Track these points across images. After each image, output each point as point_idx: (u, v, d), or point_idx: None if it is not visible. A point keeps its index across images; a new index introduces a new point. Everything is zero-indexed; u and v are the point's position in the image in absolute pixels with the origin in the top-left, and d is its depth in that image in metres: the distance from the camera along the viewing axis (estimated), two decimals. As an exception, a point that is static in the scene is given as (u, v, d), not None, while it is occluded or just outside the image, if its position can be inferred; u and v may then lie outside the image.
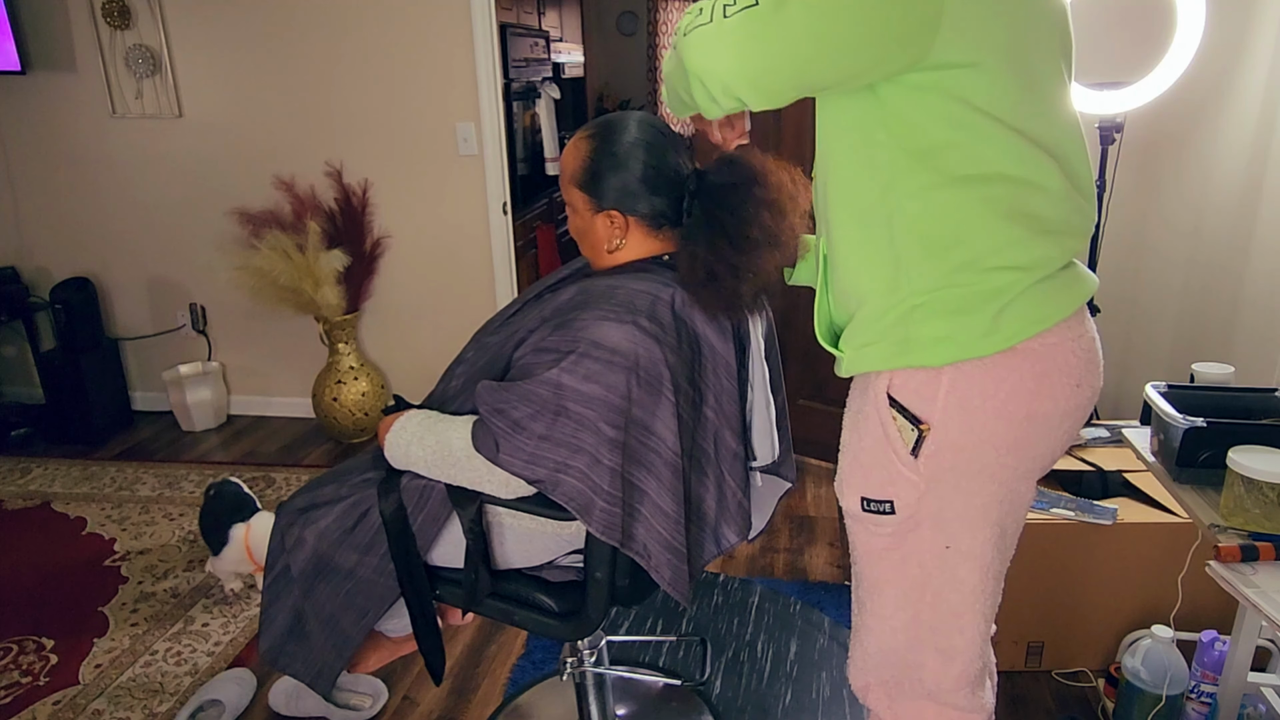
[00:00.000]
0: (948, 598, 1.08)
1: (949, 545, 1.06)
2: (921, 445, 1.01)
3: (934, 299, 0.98)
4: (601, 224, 1.30)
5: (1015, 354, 0.98)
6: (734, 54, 0.89)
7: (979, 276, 0.97)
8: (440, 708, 1.88)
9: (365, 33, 3.03)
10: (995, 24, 0.91)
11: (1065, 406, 1.02)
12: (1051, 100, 0.98)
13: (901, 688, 1.16)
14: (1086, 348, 1.03)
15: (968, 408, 0.99)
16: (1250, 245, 2.23)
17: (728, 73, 0.90)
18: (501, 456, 1.17)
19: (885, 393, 1.03)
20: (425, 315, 3.34)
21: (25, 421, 3.38)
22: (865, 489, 1.08)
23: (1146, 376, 2.24)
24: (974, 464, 1.02)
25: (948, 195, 0.96)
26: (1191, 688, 1.64)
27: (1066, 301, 1.00)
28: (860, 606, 1.18)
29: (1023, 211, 0.96)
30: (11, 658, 2.05)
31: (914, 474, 1.03)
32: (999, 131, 0.93)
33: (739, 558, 2.42)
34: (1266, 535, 1.21)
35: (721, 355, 1.29)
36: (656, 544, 1.23)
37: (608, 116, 1.32)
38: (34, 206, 3.43)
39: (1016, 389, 0.99)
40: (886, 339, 1.02)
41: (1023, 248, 0.97)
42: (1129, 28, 2.38)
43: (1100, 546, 1.81)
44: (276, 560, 1.43)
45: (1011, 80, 0.93)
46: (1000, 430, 1.00)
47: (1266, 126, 2.19)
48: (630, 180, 1.27)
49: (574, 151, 1.31)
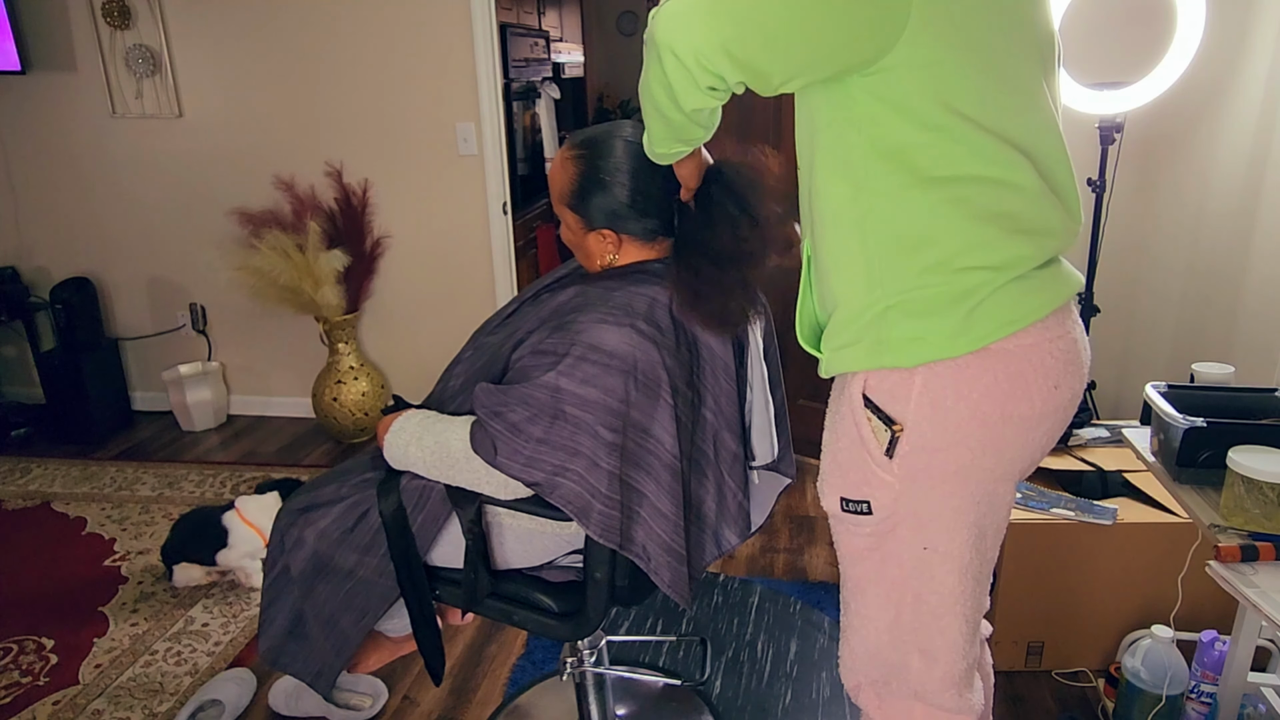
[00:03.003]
0: (927, 599, 1.08)
1: (926, 547, 1.06)
2: (896, 446, 1.01)
3: (906, 300, 0.98)
4: (594, 241, 1.30)
5: (989, 355, 0.97)
6: (702, 18, 0.89)
7: (950, 277, 0.96)
8: (440, 708, 1.88)
9: (365, 33, 3.03)
10: (965, 21, 0.91)
11: (1042, 409, 1.01)
12: (1025, 99, 0.97)
13: (890, 687, 1.16)
14: (1066, 349, 1.01)
15: (941, 409, 0.99)
16: (1250, 246, 2.23)
17: (699, 36, 0.90)
18: (499, 459, 1.17)
19: (860, 393, 1.04)
20: (425, 315, 3.34)
21: (25, 421, 3.38)
22: (843, 489, 1.09)
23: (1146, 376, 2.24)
24: (948, 465, 1.02)
25: (918, 195, 0.95)
26: (1191, 688, 1.64)
27: (1042, 302, 0.99)
28: (845, 606, 1.19)
29: (995, 211, 0.96)
30: (11, 658, 2.05)
31: (889, 475, 1.03)
32: (970, 131, 0.93)
33: (739, 558, 2.42)
34: (1266, 535, 1.21)
35: (720, 356, 1.29)
36: (655, 546, 1.23)
37: (595, 132, 1.29)
38: (34, 206, 3.43)
39: (990, 390, 0.98)
40: (862, 340, 1.02)
41: (994, 248, 0.96)
42: (1129, 28, 2.38)
43: (1100, 546, 1.81)
44: (276, 560, 1.43)
45: (982, 79, 0.93)
46: (974, 431, 1.00)
47: (1266, 127, 2.19)
48: (619, 204, 1.26)
49: (562, 171, 1.29)
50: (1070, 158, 1.02)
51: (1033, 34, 0.98)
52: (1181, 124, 2.51)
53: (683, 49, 0.91)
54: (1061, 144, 1.01)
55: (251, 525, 2.23)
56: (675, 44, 0.91)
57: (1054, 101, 1.02)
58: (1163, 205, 2.64)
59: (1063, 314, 1.02)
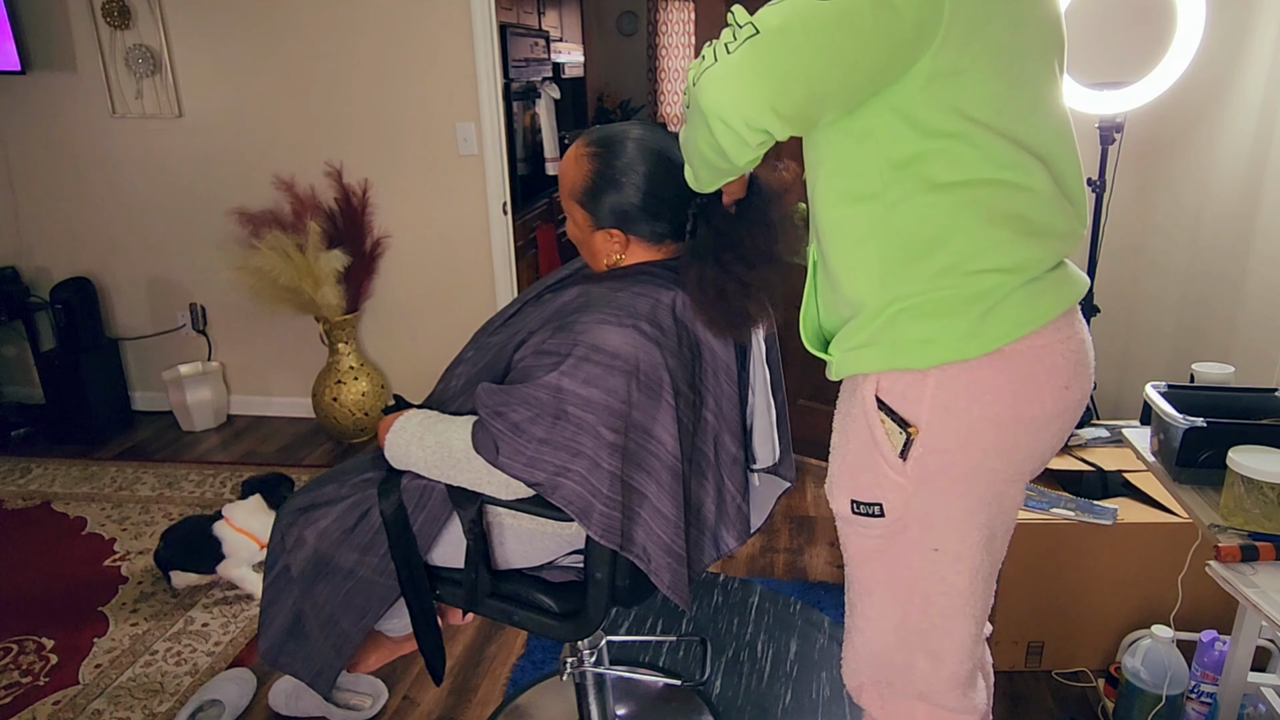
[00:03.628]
0: (936, 600, 1.08)
1: (937, 548, 1.06)
2: (909, 448, 1.01)
3: (919, 302, 0.98)
4: (601, 239, 1.30)
5: (1001, 356, 0.98)
6: (746, 82, 0.90)
7: (964, 279, 0.97)
8: (440, 708, 1.88)
9: (365, 33, 3.03)
10: (989, 27, 0.91)
11: (1053, 409, 1.02)
12: (1040, 101, 0.97)
13: (894, 688, 1.16)
14: (1075, 349, 1.02)
15: (954, 410, 0.99)
16: (1250, 245, 2.23)
17: (746, 102, 0.90)
18: (501, 459, 1.17)
19: (873, 395, 1.04)
20: (425, 315, 3.34)
21: (25, 421, 3.38)
22: (854, 491, 1.09)
23: (1146, 376, 2.24)
24: (961, 467, 1.02)
25: (931, 200, 0.96)
26: (1191, 688, 1.64)
27: (1054, 303, 0.99)
28: (851, 608, 1.19)
29: (1008, 214, 0.96)
30: (11, 658, 2.05)
31: (901, 477, 1.03)
32: (982, 135, 0.93)
33: (739, 558, 2.42)
34: (1266, 535, 1.21)
35: (722, 359, 1.29)
36: (656, 547, 1.23)
37: (610, 131, 1.30)
38: (34, 206, 3.43)
39: (1003, 391, 0.99)
40: (875, 342, 1.02)
41: (1008, 250, 0.96)
42: (1129, 28, 2.38)
43: (1100, 546, 1.81)
44: (276, 560, 1.43)
45: (1000, 83, 0.93)
46: (987, 433, 1.00)
47: (1266, 127, 2.19)
48: (630, 205, 1.27)
49: (575, 166, 1.29)
50: (1080, 159, 1.03)
51: (1044, 30, 0.98)
52: (1181, 124, 2.51)
53: (731, 116, 0.92)
54: (1073, 146, 1.02)
55: (243, 532, 2.21)
56: (723, 112, 0.92)
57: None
58: (1163, 205, 2.64)
59: (1071, 315, 1.03)
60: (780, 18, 0.88)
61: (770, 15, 0.89)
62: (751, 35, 0.89)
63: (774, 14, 0.89)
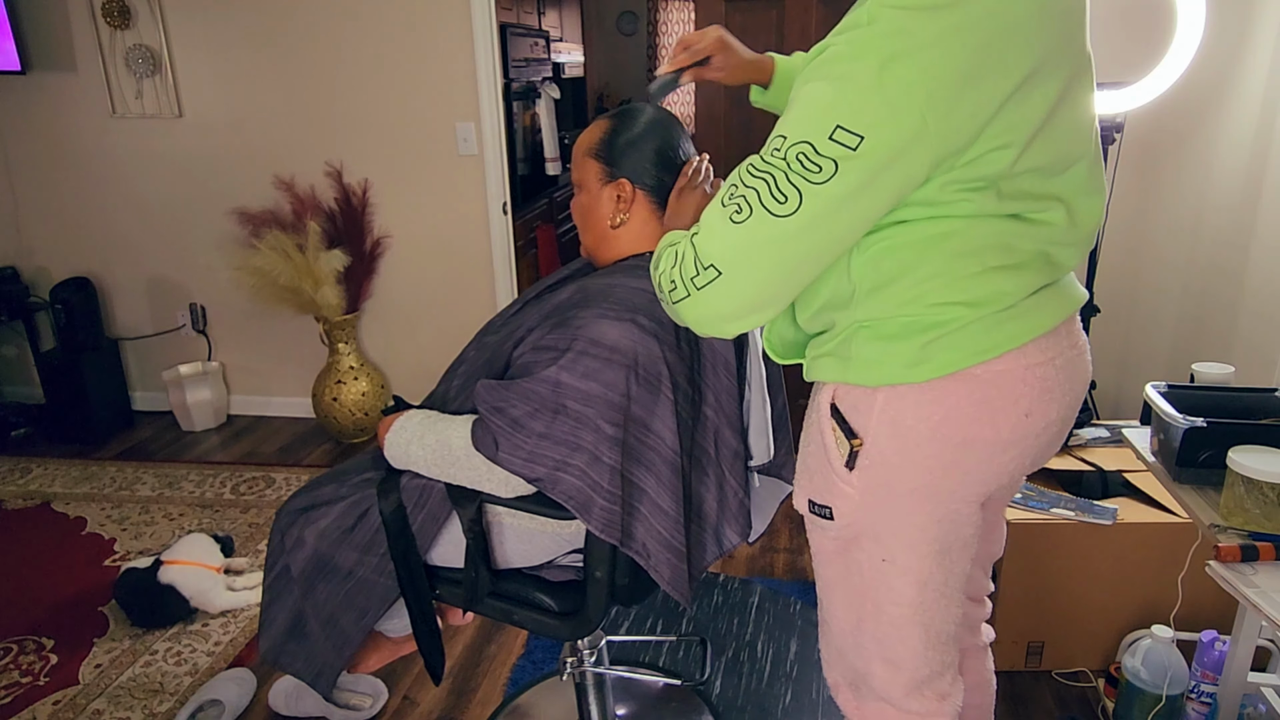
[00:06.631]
0: (888, 609, 1.09)
1: (885, 559, 1.06)
2: (855, 459, 1.02)
3: (877, 323, 0.98)
4: (608, 197, 1.31)
5: (955, 379, 0.97)
6: (722, 306, 0.95)
7: (925, 310, 0.96)
8: (440, 708, 1.88)
9: (365, 33, 3.03)
10: (977, 92, 0.86)
11: (1009, 435, 0.99)
12: (1054, 134, 0.93)
13: (862, 690, 1.17)
14: (1044, 376, 0.99)
15: (900, 427, 0.99)
16: (1250, 245, 2.23)
17: (730, 320, 0.96)
18: (501, 455, 1.18)
19: (829, 402, 1.05)
20: (425, 315, 3.34)
21: (25, 421, 3.38)
22: (810, 491, 1.10)
23: (1146, 376, 2.24)
24: (907, 483, 1.02)
25: (904, 237, 0.95)
26: (1191, 688, 1.64)
27: (1019, 331, 0.97)
28: (819, 604, 1.20)
29: (986, 245, 0.94)
30: (11, 658, 2.05)
31: (849, 486, 1.04)
32: (981, 196, 0.92)
33: (739, 558, 2.42)
34: (1266, 535, 1.21)
35: (720, 353, 1.29)
36: (656, 543, 1.23)
37: (629, 106, 1.36)
38: (34, 206, 3.43)
39: (953, 413, 0.97)
40: (834, 354, 1.03)
41: (974, 284, 0.95)
42: (1129, 28, 2.38)
43: (1100, 546, 1.81)
44: (276, 560, 1.43)
45: (1008, 148, 0.90)
46: (933, 452, 0.99)
47: (1266, 126, 2.19)
48: (645, 154, 1.30)
49: (594, 128, 1.34)
50: (1104, 185, 1.02)
51: (1052, 56, 0.91)
52: (1181, 124, 2.51)
53: (728, 331, 0.98)
54: (1089, 162, 0.99)
55: (191, 563, 2.16)
56: (711, 330, 0.99)
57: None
58: (1163, 205, 2.64)
59: (1049, 339, 0.99)
60: (741, 251, 0.91)
61: (721, 249, 0.92)
62: (714, 279, 0.93)
63: (726, 248, 0.92)
